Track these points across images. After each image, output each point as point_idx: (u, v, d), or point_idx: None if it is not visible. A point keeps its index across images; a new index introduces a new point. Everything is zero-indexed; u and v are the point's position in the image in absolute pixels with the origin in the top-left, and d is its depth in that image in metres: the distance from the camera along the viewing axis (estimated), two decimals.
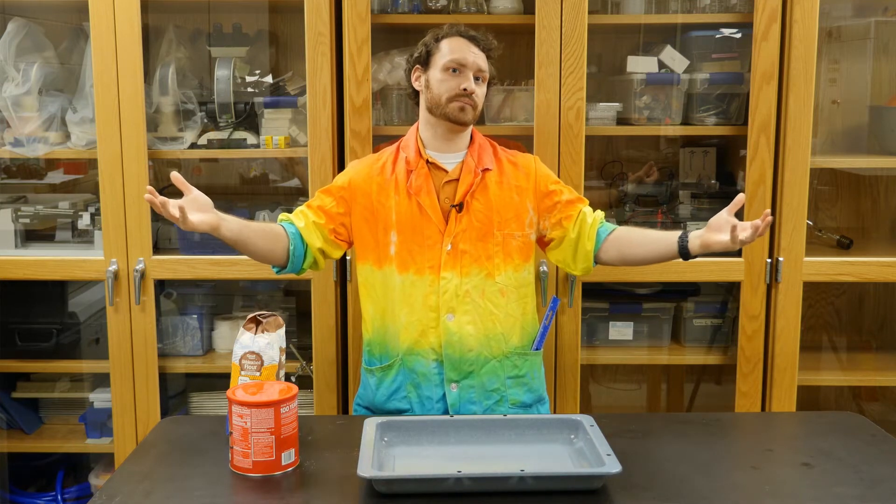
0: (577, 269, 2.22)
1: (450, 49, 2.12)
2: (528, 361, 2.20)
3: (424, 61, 2.16)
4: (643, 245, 2.15)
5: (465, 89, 2.09)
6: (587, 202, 2.22)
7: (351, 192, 2.17)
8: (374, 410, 2.21)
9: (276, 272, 2.19)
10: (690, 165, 3.01)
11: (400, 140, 2.24)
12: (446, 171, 2.15)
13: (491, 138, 2.28)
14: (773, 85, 2.59)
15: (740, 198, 1.99)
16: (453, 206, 2.12)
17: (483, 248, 2.12)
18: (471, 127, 2.19)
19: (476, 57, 2.12)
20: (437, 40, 2.15)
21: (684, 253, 2.05)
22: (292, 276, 2.20)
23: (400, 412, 2.16)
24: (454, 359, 2.12)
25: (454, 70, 2.11)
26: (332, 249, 2.19)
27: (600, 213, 2.21)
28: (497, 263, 2.13)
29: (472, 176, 2.13)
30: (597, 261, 2.19)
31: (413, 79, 2.19)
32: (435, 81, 2.12)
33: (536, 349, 2.22)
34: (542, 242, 2.25)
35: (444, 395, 2.13)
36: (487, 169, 2.15)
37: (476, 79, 2.12)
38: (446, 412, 2.13)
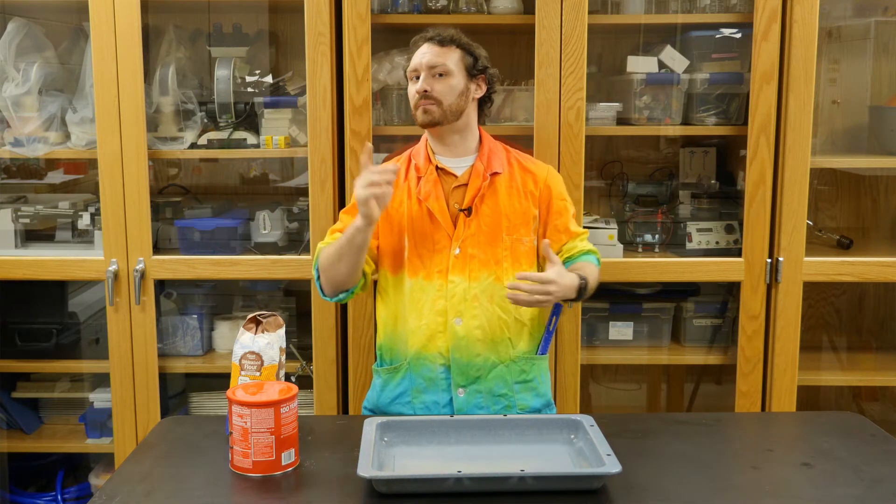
0: None
1: (412, 59, 2.15)
2: (535, 366, 2.20)
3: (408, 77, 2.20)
4: None
5: (416, 91, 2.11)
6: (580, 235, 2.22)
7: None
8: (377, 413, 2.21)
9: (329, 299, 2.16)
10: (690, 165, 3.01)
11: (412, 147, 2.25)
12: (456, 177, 2.15)
13: (504, 140, 2.28)
14: (773, 85, 2.59)
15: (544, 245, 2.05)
16: (461, 210, 2.12)
17: (492, 253, 2.12)
18: (475, 130, 2.19)
19: (429, 55, 2.12)
20: (412, 55, 2.17)
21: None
22: (337, 301, 2.19)
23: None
24: (462, 363, 2.12)
25: (416, 79, 2.14)
26: (370, 269, 2.18)
27: (581, 248, 2.20)
28: (506, 268, 2.12)
29: (480, 180, 2.13)
30: None
31: None
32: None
33: (542, 354, 2.21)
34: None
35: (451, 399, 2.13)
36: (496, 173, 2.15)
37: (439, 74, 2.11)
38: None
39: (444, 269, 2.11)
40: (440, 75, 2.11)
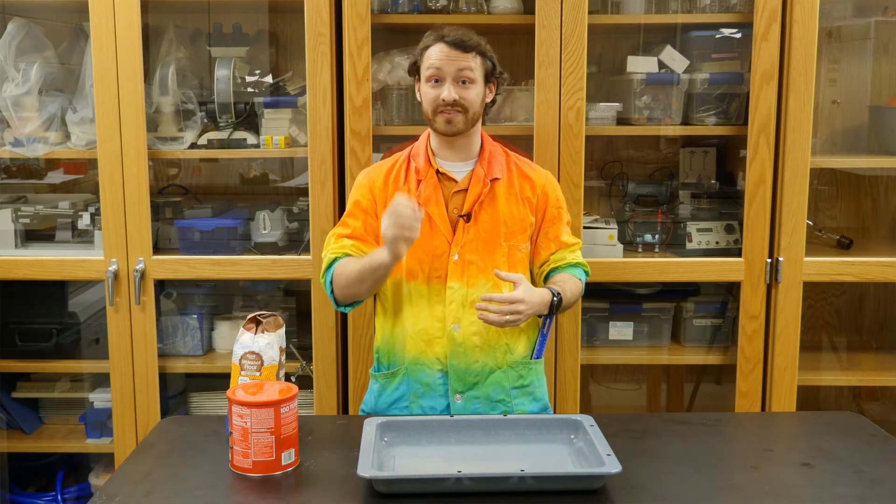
0: None
1: (429, 59, 2.09)
2: (532, 370, 2.19)
3: (416, 72, 2.15)
4: None
5: (443, 100, 2.06)
6: (571, 246, 2.21)
7: (373, 202, 2.15)
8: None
9: (342, 308, 2.16)
10: (690, 165, 3.02)
11: (412, 146, 2.23)
12: (456, 181, 2.14)
13: (502, 141, 2.27)
14: (773, 85, 2.59)
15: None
16: (461, 216, 2.11)
17: (490, 259, 2.11)
18: (479, 132, 2.18)
19: (456, 61, 2.06)
20: (424, 50, 2.12)
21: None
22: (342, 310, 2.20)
23: None
24: (459, 370, 2.11)
25: (436, 80, 2.09)
26: None
27: (569, 260, 2.19)
28: None
29: (480, 186, 2.12)
30: None
31: (416, 89, 2.18)
32: (422, 94, 2.13)
33: (536, 358, 2.21)
34: None
35: (448, 405, 2.13)
36: (496, 179, 2.13)
37: (463, 81, 2.07)
38: None
39: (443, 274, 2.10)
40: (463, 82, 2.07)
